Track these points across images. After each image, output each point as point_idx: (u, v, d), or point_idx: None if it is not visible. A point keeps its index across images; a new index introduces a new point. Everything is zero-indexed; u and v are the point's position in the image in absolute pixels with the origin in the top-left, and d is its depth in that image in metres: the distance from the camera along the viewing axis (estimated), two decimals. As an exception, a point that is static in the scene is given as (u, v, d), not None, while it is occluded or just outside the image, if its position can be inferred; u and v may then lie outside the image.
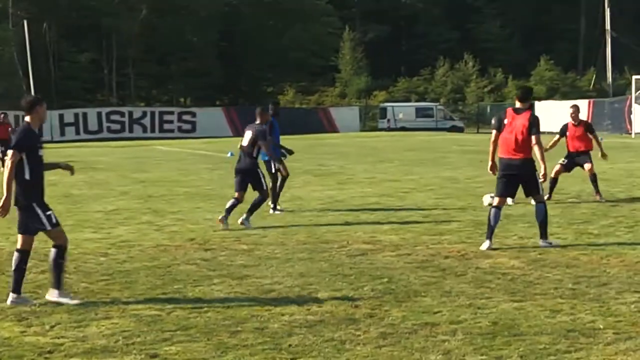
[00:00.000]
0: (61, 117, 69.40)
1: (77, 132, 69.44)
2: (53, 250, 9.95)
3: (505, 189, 13.22)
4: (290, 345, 7.82)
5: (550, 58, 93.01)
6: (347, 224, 15.90)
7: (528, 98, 13.42)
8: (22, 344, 8.01)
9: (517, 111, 13.06)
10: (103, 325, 8.62)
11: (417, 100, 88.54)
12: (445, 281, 10.53)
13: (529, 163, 12.97)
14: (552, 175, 18.56)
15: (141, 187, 24.20)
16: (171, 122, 73.78)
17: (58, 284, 9.84)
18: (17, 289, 9.74)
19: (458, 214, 16.94)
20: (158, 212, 18.26)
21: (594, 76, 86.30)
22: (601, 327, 8.24)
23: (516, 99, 13.33)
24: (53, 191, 23.37)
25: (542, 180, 13.16)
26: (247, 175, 15.85)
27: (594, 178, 18.77)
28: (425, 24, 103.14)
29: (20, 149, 9.64)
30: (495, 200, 13.28)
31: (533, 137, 12.84)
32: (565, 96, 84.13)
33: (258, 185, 15.88)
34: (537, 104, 74.99)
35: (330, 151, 42.40)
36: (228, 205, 15.76)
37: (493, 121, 13.52)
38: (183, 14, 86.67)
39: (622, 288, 9.90)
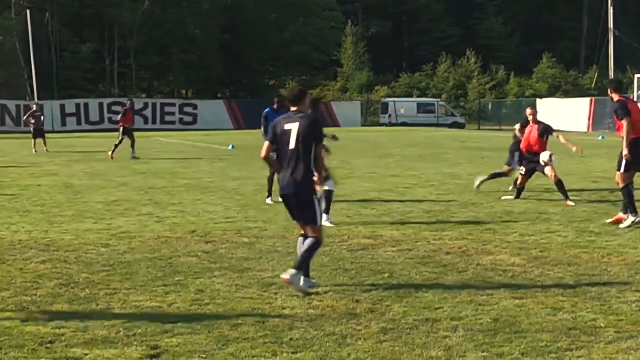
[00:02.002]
0: (62, 107, 69.47)
1: (79, 123, 69.47)
2: (309, 240, 9.93)
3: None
4: (291, 339, 7.80)
5: (552, 56, 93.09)
6: (348, 218, 15.89)
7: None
8: (23, 334, 8.00)
9: (629, 99, 14.87)
10: (104, 316, 8.60)
11: (418, 96, 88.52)
12: (446, 277, 10.52)
13: None
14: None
15: (142, 179, 24.20)
16: (172, 114, 73.80)
17: (301, 266, 9.88)
18: (307, 272, 9.91)
19: (459, 211, 16.93)
20: (159, 203, 18.25)
21: (596, 75, 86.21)
22: (602, 325, 8.23)
23: (614, 92, 14.64)
24: (54, 181, 23.41)
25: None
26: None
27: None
28: (427, 20, 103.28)
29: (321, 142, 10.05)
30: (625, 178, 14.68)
31: None
32: (567, 94, 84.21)
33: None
34: (538, 101, 75.12)
35: (332, 145, 42.35)
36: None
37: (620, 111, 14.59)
38: (185, 6, 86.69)
39: (623, 287, 9.88)
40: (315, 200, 9.88)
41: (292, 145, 9.77)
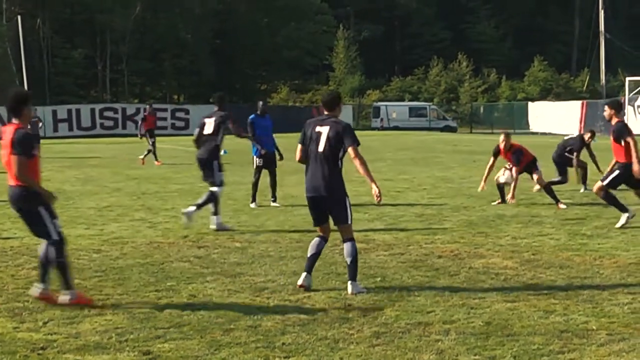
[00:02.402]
0: (54, 113, 69.17)
1: (71, 129, 69.21)
2: (348, 246, 9.99)
3: None
4: (283, 344, 7.81)
5: (544, 59, 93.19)
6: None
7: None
8: (15, 340, 7.99)
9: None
10: (96, 322, 8.59)
11: (410, 100, 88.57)
12: (438, 281, 10.53)
13: None
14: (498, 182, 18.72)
15: (134, 184, 24.17)
16: (164, 119, 73.57)
17: (354, 275, 9.97)
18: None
19: (451, 214, 16.95)
20: (151, 208, 18.24)
21: (588, 77, 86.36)
22: (594, 328, 8.24)
23: (615, 115, 14.74)
24: (46, 187, 23.32)
25: None
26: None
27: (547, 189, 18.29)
28: (419, 24, 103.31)
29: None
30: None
31: None
32: (558, 97, 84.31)
33: None
34: (530, 104, 75.24)
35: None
36: None
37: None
38: (177, 11, 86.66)
39: (615, 289, 9.90)
40: (347, 199, 9.99)
41: (321, 147, 9.94)
